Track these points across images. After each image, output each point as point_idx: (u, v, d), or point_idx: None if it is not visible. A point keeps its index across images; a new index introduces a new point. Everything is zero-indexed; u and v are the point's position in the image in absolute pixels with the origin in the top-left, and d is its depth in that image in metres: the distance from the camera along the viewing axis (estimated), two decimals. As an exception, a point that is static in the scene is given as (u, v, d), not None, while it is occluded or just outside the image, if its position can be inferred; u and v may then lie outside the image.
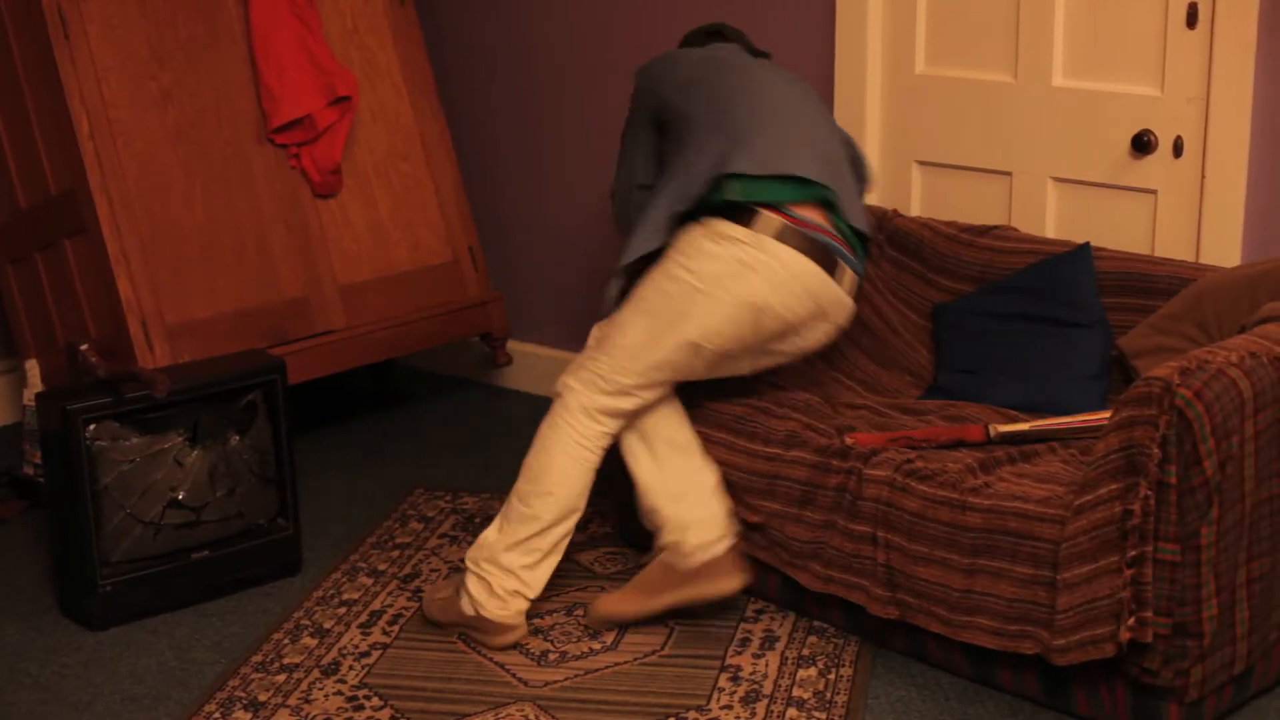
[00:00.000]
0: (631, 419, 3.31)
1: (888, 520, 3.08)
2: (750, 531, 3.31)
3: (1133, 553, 2.74)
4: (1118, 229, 3.65)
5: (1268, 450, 2.80)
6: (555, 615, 3.39)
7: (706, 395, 3.46)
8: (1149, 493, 2.72)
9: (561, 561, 3.21)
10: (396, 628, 3.36)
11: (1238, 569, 2.80)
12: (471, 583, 3.27)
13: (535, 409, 4.72)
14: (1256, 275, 3.26)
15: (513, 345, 4.83)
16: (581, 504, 3.28)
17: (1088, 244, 3.52)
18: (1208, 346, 2.87)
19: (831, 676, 3.12)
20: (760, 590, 3.40)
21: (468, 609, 3.27)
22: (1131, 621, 2.74)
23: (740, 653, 3.22)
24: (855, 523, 3.13)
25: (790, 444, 3.28)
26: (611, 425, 3.28)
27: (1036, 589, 2.88)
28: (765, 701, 3.03)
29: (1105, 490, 2.78)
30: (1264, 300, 3.19)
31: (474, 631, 3.29)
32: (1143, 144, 3.56)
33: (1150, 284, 3.44)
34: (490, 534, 3.28)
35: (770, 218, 3.15)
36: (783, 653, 3.22)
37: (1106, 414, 3.23)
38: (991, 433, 3.25)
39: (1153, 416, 2.71)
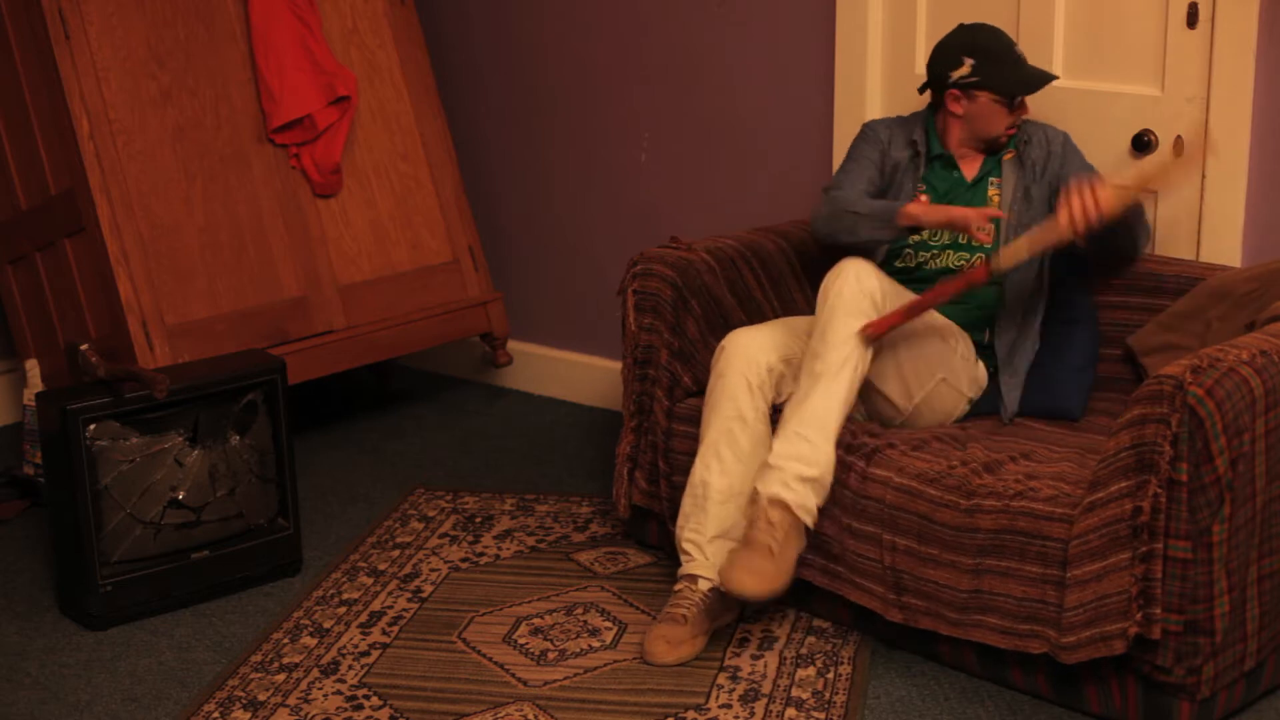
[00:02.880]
0: None
1: (895, 523, 3.07)
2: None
3: (1142, 549, 2.74)
4: (1118, 229, 3.64)
5: (1279, 448, 2.81)
6: (555, 615, 3.39)
7: None
8: (1159, 490, 2.72)
9: (561, 562, 3.17)
10: (396, 628, 3.36)
11: (1249, 566, 2.81)
12: None
13: (535, 409, 4.74)
14: (1266, 274, 3.26)
15: (513, 345, 4.83)
16: None
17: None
18: (1219, 344, 2.86)
19: (830, 676, 3.12)
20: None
21: None
22: (1139, 617, 2.74)
23: (739, 653, 3.22)
24: (860, 521, 3.13)
25: None
26: None
27: (1045, 588, 2.88)
28: (764, 701, 3.03)
29: (1116, 488, 2.78)
30: (1274, 299, 3.19)
31: None
32: (1143, 144, 3.56)
33: (1158, 283, 3.44)
34: None
35: None
36: (781, 652, 3.22)
37: None
38: (994, 268, 3.17)
39: (1164, 414, 2.71)
